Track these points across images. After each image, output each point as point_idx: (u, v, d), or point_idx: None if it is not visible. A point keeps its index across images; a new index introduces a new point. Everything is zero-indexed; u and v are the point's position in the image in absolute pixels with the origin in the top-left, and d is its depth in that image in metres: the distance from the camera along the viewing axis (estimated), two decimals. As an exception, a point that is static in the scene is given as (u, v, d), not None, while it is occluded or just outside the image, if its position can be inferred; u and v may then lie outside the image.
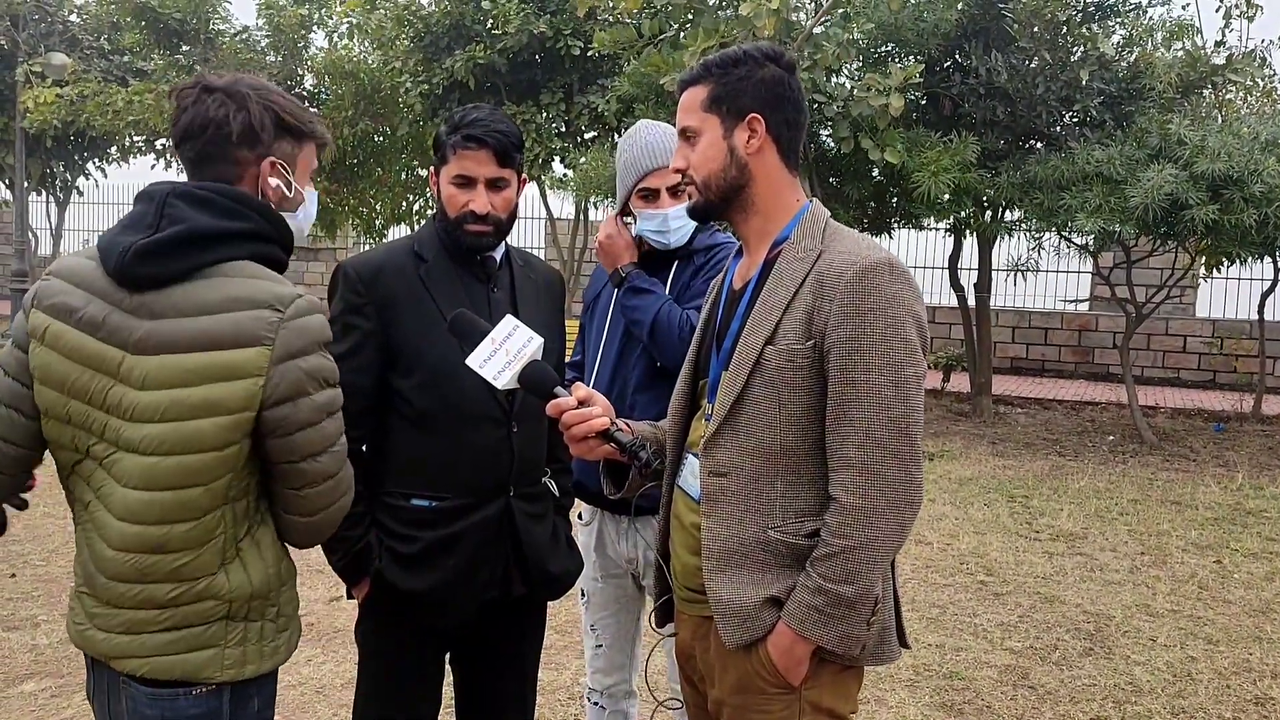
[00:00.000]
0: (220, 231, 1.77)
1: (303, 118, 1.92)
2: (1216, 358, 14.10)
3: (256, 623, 1.86)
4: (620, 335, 2.80)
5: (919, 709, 4.03)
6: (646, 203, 2.72)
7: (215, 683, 1.82)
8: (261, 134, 1.84)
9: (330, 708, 3.92)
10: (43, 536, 5.71)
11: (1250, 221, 7.98)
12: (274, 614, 1.89)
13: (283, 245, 1.89)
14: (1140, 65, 9.38)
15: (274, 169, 1.88)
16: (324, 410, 1.83)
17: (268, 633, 1.88)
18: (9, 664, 4.20)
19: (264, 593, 1.86)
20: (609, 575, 2.90)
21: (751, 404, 1.87)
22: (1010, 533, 6.61)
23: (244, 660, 1.84)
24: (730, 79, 1.94)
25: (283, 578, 1.91)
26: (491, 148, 2.32)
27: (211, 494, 1.78)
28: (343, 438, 1.91)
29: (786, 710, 1.88)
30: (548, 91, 12.22)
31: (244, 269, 1.79)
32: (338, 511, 1.93)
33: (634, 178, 2.73)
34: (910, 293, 1.83)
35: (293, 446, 1.80)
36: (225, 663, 1.82)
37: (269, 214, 1.85)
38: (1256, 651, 4.70)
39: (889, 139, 8.66)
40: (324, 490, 1.87)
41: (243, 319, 1.73)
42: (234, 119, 1.81)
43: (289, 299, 1.78)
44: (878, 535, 1.79)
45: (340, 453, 1.90)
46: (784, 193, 1.98)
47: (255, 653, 1.86)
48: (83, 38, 16.96)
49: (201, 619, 1.81)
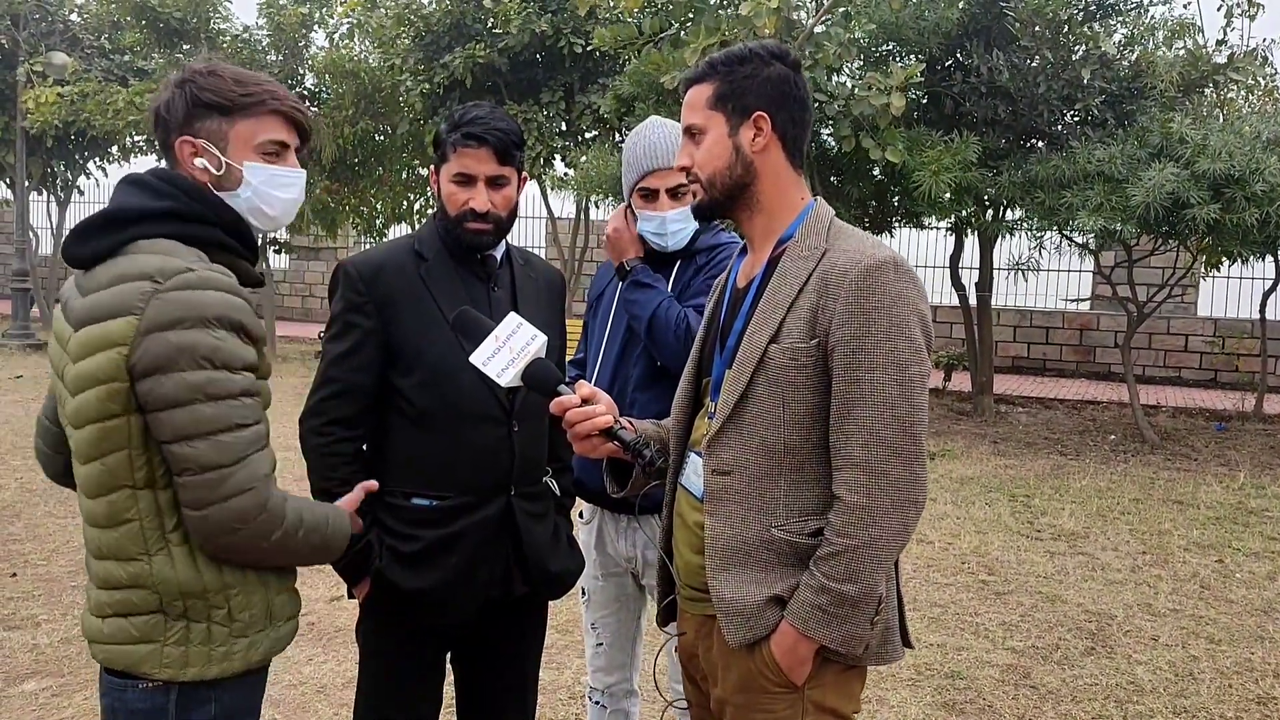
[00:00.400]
0: (141, 211, 1.81)
1: (227, 92, 1.86)
2: (1218, 357, 14.09)
3: (201, 624, 1.82)
4: (622, 333, 2.79)
5: (920, 708, 4.02)
6: (646, 203, 2.72)
7: (159, 680, 1.82)
8: (169, 117, 1.87)
9: (331, 707, 3.92)
10: (43, 536, 5.70)
11: (1252, 220, 7.97)
12: (222, 617, 1.83)
13: (220, 225, 1.86)
14: (1142, 64, 9.38)
15: (196, 149, 1.87)
16: (199, 391, 1.72)
17: (217, 636, 1.83)
18: (10, 663, 4.20)
19: (197, 591, 1.80)
20: (609, 574, 2.89)
21: (755, 402, 1.87)
22: (1012, 532, 6.61)
23: (186, 661, 1.81)
24: (736, 77, 1.94)
25: (227, 581, 1.83)
26: (491, 146, 2.31)
27: (109, 470, 1.77)
28: (242, 434, 1.76)
29: (789, 709, 1.88)
30: (548, 90, 12.21)
31: (155, 246, 1.79)
32: (228, 517, 1.75)
33: (635, 176, 2.72)
34: (915, 291, 1.83)
35: (160, 424, 1.73)
36: (164, 660, 1.81)
37: (194, 193, 1.85)
38: (1258, 651, 4.69)
39: (890, 138, 8.65)
40: (204, 482, 1.74)
41: (122, 290, 1.74)
42: (153, 110, 1.89)
43: (172, 272, 1.74)
44: (882, 534, 1.79)
45: (230, 447, 1.74)
46: (789, 191, 1.98)
47: (200, 655, 1.82)
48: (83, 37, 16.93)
49: (139, 608, 1.80)
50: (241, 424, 1.77)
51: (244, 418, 1.77)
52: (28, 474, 7.16)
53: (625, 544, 2.83)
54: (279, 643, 1.95)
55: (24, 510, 6.20)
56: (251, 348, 1.81)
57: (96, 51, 16.73)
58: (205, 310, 1.73)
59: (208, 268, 1.79)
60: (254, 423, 1.80)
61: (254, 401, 1.80)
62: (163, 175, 1.87)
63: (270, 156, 1.92)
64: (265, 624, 1.90)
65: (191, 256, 1.79)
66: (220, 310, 1.75)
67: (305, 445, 2.38)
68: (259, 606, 1.88)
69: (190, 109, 1.86)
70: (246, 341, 1.80)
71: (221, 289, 1.76)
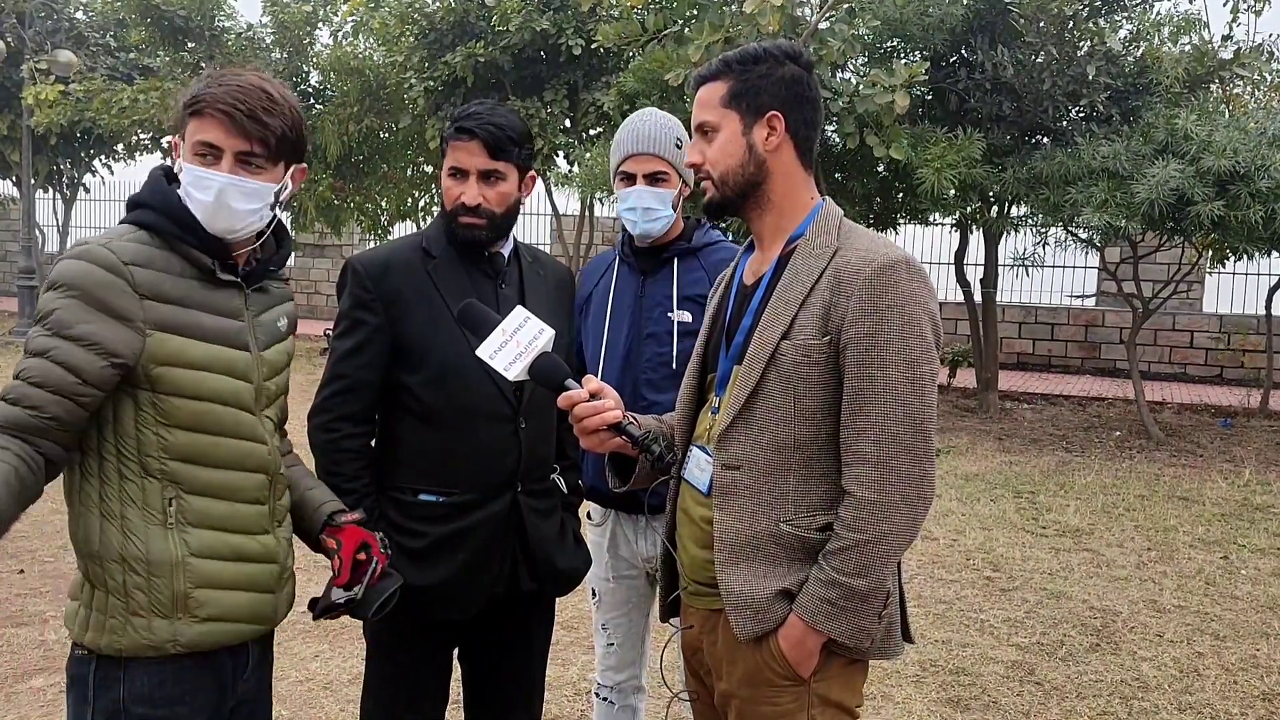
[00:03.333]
0: (129, 201, 1.97)
1: (195, 93, 1.90)
2: (1224, 353, 14.06)
3: (101, 591, 1.86)
4: (628, 332, 2.79)
5: (926, 705, 4.03)
6: (623, 184, 2.76)
7: (83, 647, 1.87)
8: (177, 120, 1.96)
9: (338, 703, 3.93)
10: (50, 533, 5.72)
11: (1257, 217, 7.95)
12: (115, 588, 1.84)
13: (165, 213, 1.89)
14: (1147, 60, 9.36)
15: (173, 149, 1.98)
16: (29, 349, 1.79)
17: (113, 608, 1.84)
18: (18, 659, 4.22)
19: (95, 554, 1.85)
20: (621, 576, 2.89)
21: (766, 398, 1.89)
22: (1017, 528, 6.61)
23: (88, 625, 1.86)
24: (751, 76, 1.95)
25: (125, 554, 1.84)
26: (482, 139, 2.30)
27: None
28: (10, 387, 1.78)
29: (795, 702, 1.90)
30: (551, 88, 12.21)
31: (112, 228, 1.96)
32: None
33: (617, 160, 2.77)
34: (926, 291, 1.85)
35: None
36: (77, 619, 1.88)
37: (152, 182, 1.96)
38: (1264, 647, 4.69)
39: (894, 135, 8.64)
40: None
41: None
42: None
43: (79, 243, 1.86)
44: (891, 530, 1.81)
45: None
46: (799, 190, 2.00)
47: (98, 622, 1.85)
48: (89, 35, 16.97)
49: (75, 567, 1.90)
50: (17, 376, 1.79)
51: (22, 371, 1.78)
52: (34, 471, 7.17)
53: (645, 544, 2.83)
54: (188, 638, 1.88)
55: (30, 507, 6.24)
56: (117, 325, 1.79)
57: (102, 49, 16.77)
58: (63, 276, 1.80)
59: (110, 245, 1.83)
60: (28, 380, 1.77)
61: (45, 364, 1.76)
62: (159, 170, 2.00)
63: (200, 158, 1.88)
64: (170, 611, 1.86)
65: (130, 236, 1.87)
66: (74, 279, 1.79)
67: (313, 441, 2.39)
68: (163, 591, 1.86)
69: (182, 109, 1.92)
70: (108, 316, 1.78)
71: (94, 261, 1.80)
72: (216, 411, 1.90)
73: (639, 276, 2.83)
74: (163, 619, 1.86)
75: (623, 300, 2.82)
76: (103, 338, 1.78)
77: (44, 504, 1.98)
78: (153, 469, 1.86)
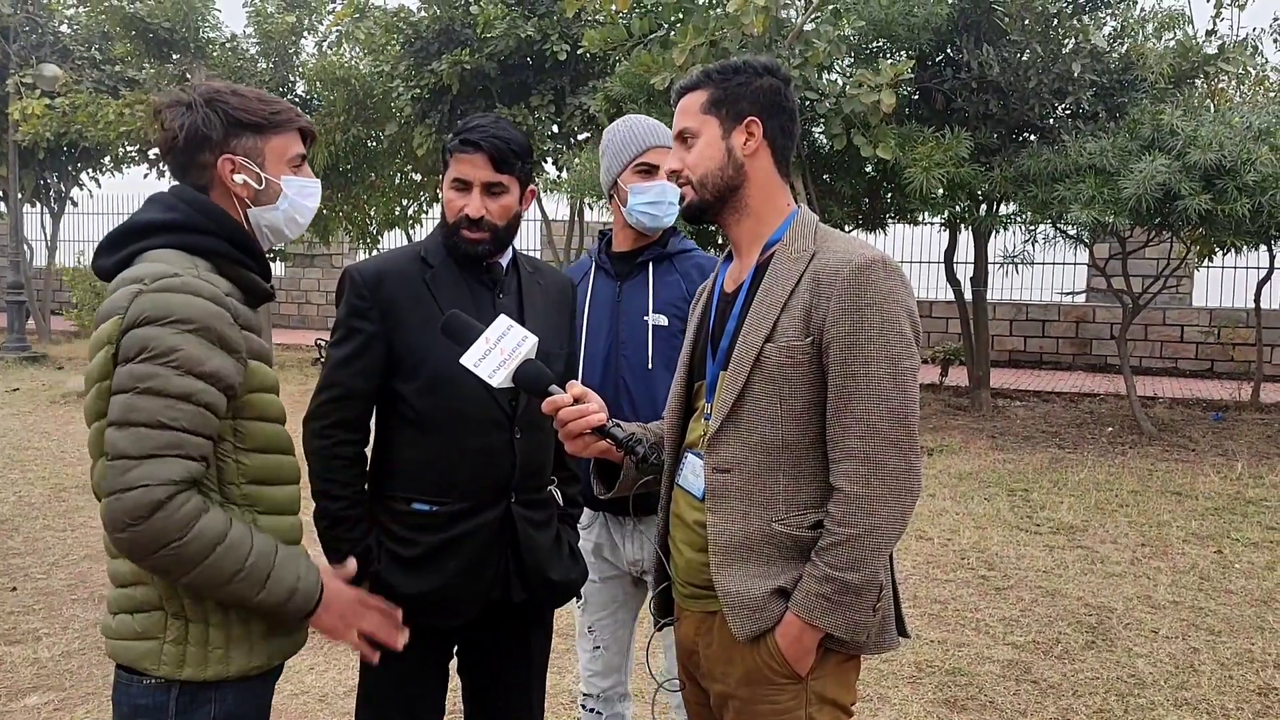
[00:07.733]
0: (149, 224, 1.87)
1: (258, 111, 1.93)
2: (1214, 346, 14.13)
3: (198, 624, 1.84)
4: (606, 338, 2.80)
5: (922, 705, 4.03)
6: (643, 178, 2.73)
7: (159, 677, 1.84)
8: (211, 135, 1.90)
9: (333, 716, 3.92)
10: (43, 550, 5.69)
11: (1244, 211, 7.99)
12: (218, 620, 1.85)
13: (225, 236, 1.89)
14: (1132, 56, 9.40)
15: (236, 166, 1.92)
16: (138, 381, 1.71)
17: (214, 639, 1.84)
18: (11, 678, 4.19)
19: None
20: (606, 578, 2.90)
21: (753, 401, 1.92)
22: (1011, 526, 6.62)
23: (183, 660, 1.83)
24: (730, 84, 2.01)
25: None
26: (486, 152, 2.32)
27: None
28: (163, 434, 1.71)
29: (794, 700, 1.92)
30: (538, 94, 12.22)
31: (159, 256, 1.84)
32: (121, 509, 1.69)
33: (633, 152, 2.74)
34: (903, 288, 1.89)
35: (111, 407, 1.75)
36: (163, 658, 1.83)
37: (199, 205, 1.89)
38: (1259, 641, 4.70)
39: (881, 135, 8.66)
40: (112, 468, 1.71)
41: (117, 293, 1.78)
42: (182, 129, 1.90)
43: (159, 275, 1.76)
44: (880, 522, 1.84)
45: (144, 441, 1.70)
46: (775, 196, 2.05)
47: (196, 656, 1.84)
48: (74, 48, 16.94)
49: (142, 605, 1.84)
50: (167, 424, 1.71)
51: (173, 419, 1.72)
52: (25, 487, 7.15)
53: (633, 546, 2.84)
54: (283, 650, 1.95)
55: (22, 524, 6.19)
56: (229, 358, 1.79)
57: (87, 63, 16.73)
58: (174, 310, 1.73)
59: (199, 276, 1.80)
60: (183, 429, 1.73)
61: (195, 409, 1.74)
62: (175, 190, 1.92)
63: (297, 170, 2.01)
64: (267, 631, 1.91)
65: (190, 265, 1.82)
66: (190, 313, 1.75)
67: (307, 448, 2.39)
68: (251, 616, 1.89)
69: (227, 128, 1.91)
70: (223, 350, 1.78)
71: (201, 295, 1.77)
72: (278, 430, 1.96)
73: (615, 283, 2.84)
74: (261, 639, 1.91)
75: (600, 307, 2.83)
76: (226, 373, 1.79)
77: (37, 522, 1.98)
78: (234, 496, 1.88)
